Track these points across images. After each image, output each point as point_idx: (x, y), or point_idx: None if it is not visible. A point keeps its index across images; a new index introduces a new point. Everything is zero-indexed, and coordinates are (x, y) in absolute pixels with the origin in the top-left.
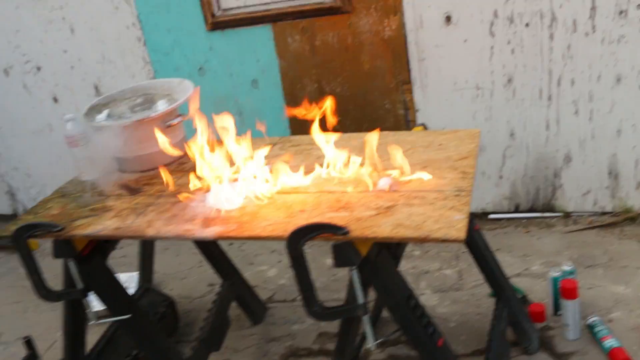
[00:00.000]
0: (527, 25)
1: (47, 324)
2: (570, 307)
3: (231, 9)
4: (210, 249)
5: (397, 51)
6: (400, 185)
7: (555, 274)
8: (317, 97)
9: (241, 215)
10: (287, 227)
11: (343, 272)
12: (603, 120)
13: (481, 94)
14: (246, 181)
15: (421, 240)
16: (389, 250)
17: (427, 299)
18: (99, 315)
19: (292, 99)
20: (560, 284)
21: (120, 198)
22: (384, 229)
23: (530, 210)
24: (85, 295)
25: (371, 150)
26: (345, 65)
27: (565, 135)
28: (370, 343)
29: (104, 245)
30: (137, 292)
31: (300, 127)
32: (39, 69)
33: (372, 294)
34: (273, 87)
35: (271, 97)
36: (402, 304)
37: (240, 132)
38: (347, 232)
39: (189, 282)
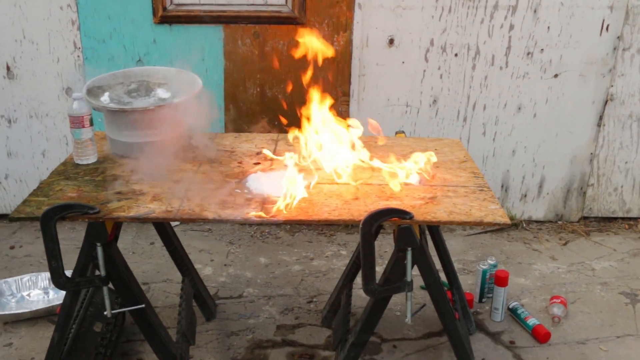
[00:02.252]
0: (456, 55)
1: None
2: (501, 293)
3: (185, 4)
4: (173, 243)
5: (341, 65)
6: (426, 182)
7: (483, 267)
8: (257, 101)
9: (300, 201)
10: (352, 212)
11: (280, 270)
12: (503, 141)
13: (409, 111)
14: (291, 170)
15: (477, 224)
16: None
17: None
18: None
19: (232, 100)
20: (494, 273)
21: (144, 182)
22: (441, 214)
23: None
24: (107, 283)
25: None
26: (289, 73)
27: (472, 151)
28: (409, 316)
29: (117, 233)
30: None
31: (235, 124)
32: None
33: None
34: (214, 87)
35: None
36: (437, 280)
37: None
38: (412, 217)
39: None
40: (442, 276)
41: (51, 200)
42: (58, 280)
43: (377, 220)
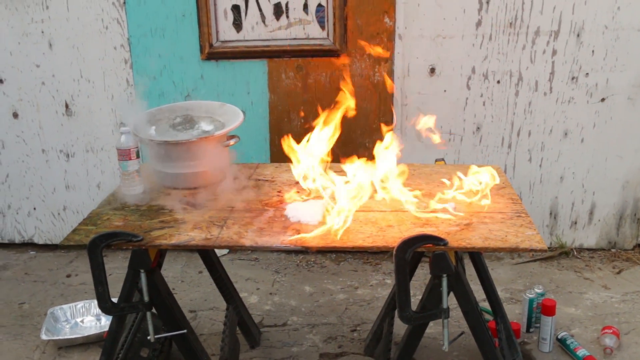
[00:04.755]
0: (498, 82)
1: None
2: (548, 323)
3: (230, 41)
4: (218, 271)
5: (383, 95)
6: (461, 209)
7: (530, 295)
8: (301, 132)
9: (331, 229)
10: (386, 239)
11: (324, 299)
12: (550, 167)
13: (453, 139)
14: (326, 199)
15: (512, 250)
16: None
17: None
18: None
19: (277, 132)
20: (541, 302)
21: (187, 211)
22: (476, 241)
23: None
24: (150, 309)
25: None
26: (333, 103)
27: (519, 178)
28: (445, 344)
29: (160, 260)
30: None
31: (280, 155)
32: (1, 81)
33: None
34: (260, 119)
35: (257, 129)
36: (474, 307)
37: None
38: (447, 243)
39: None
40: (487, 305)
41: (99, 228)
42: (104, 305)
43: (410, 247)
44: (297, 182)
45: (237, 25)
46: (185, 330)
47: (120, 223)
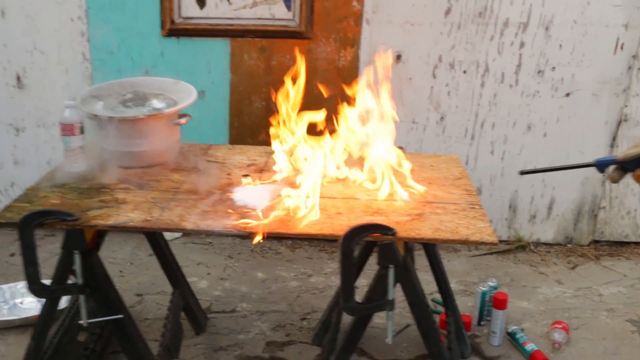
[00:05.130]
0: (464, 72)
1: None
2: (499, 317)
3: (193, 18)
4: (165, 255)
5: (348, 80)
6: (416, 197)
7: (483, 288)
8: (262, 115)
9: (279, 214)
10: (333, 227)
11: (276, 285)
12: (512, 160)
13: (416, 128)
14: (277, 183)
15: (462, 243)
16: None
17: None
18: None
19: (237, 114)
20: (492, 296)
21: (129, 192)
22: (425, 231)
23: None
24: (83, 292)
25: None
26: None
27: (480, 170)
28: (389, 336)
29: (98, 241)
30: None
31: (239, 137)
32: None
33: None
34: (220, 100)
35: (216, 110)
36: (422, 300)
37: None
38: (395, 233)
39: None
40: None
41: (34, 206)
42: (34, 287)
43: (357, 236)
44: (249, 165)
45: (201, 1)
46: (121, 316)
47: (58, 201)
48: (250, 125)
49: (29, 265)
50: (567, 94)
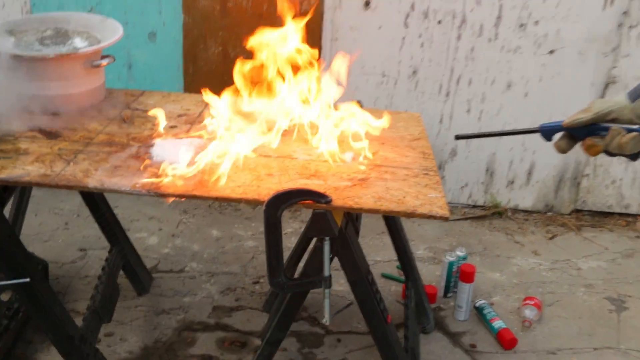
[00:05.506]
0: (439, 22)
1: None
2: (466, 290)
3: None
4: (101, 209)
5: (311, 27)
6: (363, 159)
7: (450, 258)
8: (218, 61)
9: (200, 174)
10: (259, 191)
11: (231, 245)
12: (490, 121)
13: (386, 82)
14: (203, 138)
15: (407, 215)
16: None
17: None
18: None
19: (192, 59)
20: (460, 267)
21: (35, 141)
22: (367, 200)
23: None
24: None
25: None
26: (255, 32)
27: (455, 130)
28: (326, 317)
29: (3, 195)
30: None
31: (194, 85)
32: None
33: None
34: (172, 43)
35: (168, 54)
36: (364, 277)
37: (127, 86)
38: (330, 201)
39: (56, 246)
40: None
41: None
42: None
43: (284, 203)
44: (180, 115)
45: None
46: (27, 280)
47: None
48: (207, 72)
49: None
50: (551, 51)
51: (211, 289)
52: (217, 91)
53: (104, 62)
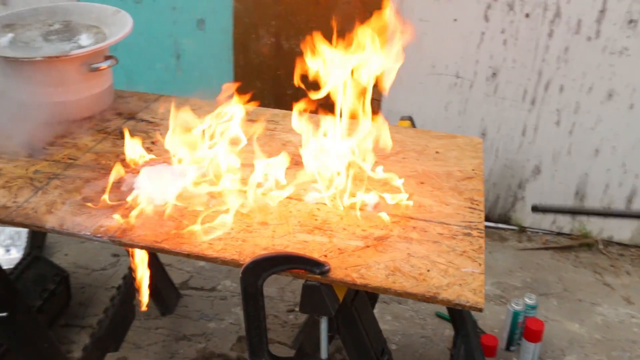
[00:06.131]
0: (527, 15)
1: None
2: (530, 350)
3: None
4: None
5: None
6: (389, 207)
7: (517, 307)
8: (271, 54)
9: (180, 216)
10: (243, 248)
11: None
12: (584, 135)
13: (460, 84)
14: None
15: (426, 300)
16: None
17: None
18: None
19: (242, 50)
20: (524, 321)
21: (13, 159)
22: (376, 273)
23: (485, 218)
24: None
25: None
26: (311, 22)
27: (540, 145)
28: None
29: None
30: (23, 261)
31: (245, 79)
32: None
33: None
34: (222, 32)
35: (218, 43)
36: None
37: (175, 78)
38: (327, 271)
39: (91, 248)
40: None
41: None
42: None
43: (266, 271)
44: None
45: None
46: (5, 314)
47: None
48: (258, 65)
49: None
50: None
51: (240, 314)
52: (267, 88)
53: (105, 65)
